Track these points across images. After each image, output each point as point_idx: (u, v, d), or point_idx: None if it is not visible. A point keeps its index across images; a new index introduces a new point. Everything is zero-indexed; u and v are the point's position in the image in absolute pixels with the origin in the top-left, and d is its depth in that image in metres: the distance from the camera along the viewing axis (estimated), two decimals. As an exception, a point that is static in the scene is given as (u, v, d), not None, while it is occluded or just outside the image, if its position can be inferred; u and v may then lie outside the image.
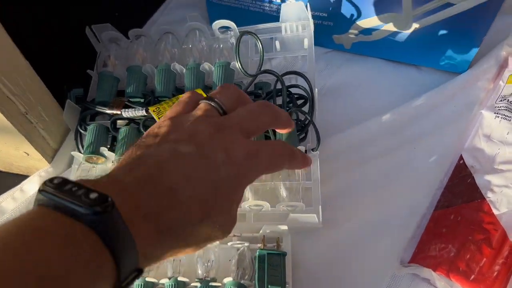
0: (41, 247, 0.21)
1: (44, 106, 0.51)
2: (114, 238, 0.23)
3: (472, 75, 0.58)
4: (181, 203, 0.28)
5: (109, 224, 0.23)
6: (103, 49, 0.58)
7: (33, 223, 0.22)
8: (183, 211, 0.28)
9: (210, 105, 0.34)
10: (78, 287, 0.22)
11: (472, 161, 0.52)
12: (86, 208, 0.22)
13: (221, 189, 0.30)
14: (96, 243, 0.23)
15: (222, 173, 0.30)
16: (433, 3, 0.52)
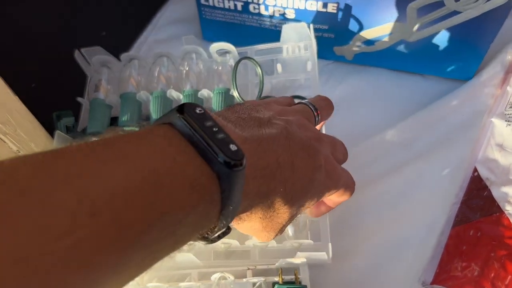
0: (171, 186, 0.20)
1: (37, 141, 0.48)
2: (231, 195, 0.23)
3: (479, 82, 0.56)
4: (284, 180, 0.27)
5: (233, 180, 0.23)
6: (94, 74, 0.55)
7: (167, 154, 0.21)
8: (280, 188, 0.27)
9: (308, 107, 0.36)
10: (189, 228, 0.22)
11: (487, 172, 0.50)
12: (225, 157, 0.22)
13: (311, 189, 0.30)
14: (216, 193, 0.22)
15: (317, 175, 0.30)
16: (438, 12, 0.50)
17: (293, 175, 0.28)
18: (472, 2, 0.48)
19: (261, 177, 0.26)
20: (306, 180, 0.29)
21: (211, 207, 0.23)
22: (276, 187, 0.27)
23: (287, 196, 0.28)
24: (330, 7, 0.53)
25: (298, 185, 0.29)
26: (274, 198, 0.27)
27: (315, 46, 0.51)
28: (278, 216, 0.29)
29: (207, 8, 0.59)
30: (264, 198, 0.27)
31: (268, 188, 0.27)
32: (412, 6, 0.50)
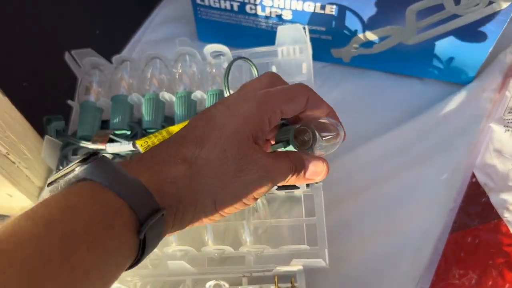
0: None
1: (27, 144, 0.46)
2: (113, 181, 0.25)
3: (477, 86, 0.56)
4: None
5: (102, 170, 0.25)
6: (84, 76, 0.53)
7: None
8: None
9: None
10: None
11: (485, 178, 0.50)
12: (78, 164, 0.26)
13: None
14: (97, 189, 0.25)
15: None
16: (438, 15, 0.49)
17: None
18: (472, 6, 0.47)
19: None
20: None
21: (112, 204, 0.25)
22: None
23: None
24: (328, 9, 0.52)
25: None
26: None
27: (310, 49, 0.50)
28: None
29: (202, 8, 0.58)
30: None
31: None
32: (412, 9, 0.49)
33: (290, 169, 0.33)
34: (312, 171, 0.35)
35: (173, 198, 0.28)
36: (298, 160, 0.34)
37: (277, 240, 0.45)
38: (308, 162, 0.34)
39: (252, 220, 0.44)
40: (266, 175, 0.31)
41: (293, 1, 0.52)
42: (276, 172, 0.31)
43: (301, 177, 0.34)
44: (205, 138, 0.30)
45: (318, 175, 0.35)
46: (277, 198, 0.48)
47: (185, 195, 0.28)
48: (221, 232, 0.45)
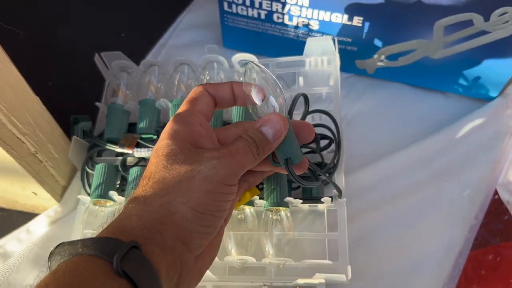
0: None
1: (54, 143, 0.47)
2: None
3: (501, 102, 0.56)
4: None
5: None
6: (112, 78, 0.54)
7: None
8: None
9: None
10: None
11: (508, 196, 0.49)
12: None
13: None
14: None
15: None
16: (466, 31, 0.49)
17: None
18: (501, 23, 0.47)
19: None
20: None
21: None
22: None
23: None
24: (355, 21, 0.52)
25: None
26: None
27: (339, 61, 0.50)
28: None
29: (229, 15, 0.58)
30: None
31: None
32: (440, 24, 0.49)
33: (247, 144, 0.33)
34: (271, 128, 0.33)
35: (137, 229, 0.28)
36: (252, 131, 0.33)
37: (299, 252, 0.45)
38: (261, 124, 0.34)
39: (275, 232, 0.44)
40: (223, 159, 0.31)
41: (321, 12, 0.52)
42: (233, 153, 0.32)
43: (268, 144, 0.33)
44: (147, 175, 0.31)
45: (278, 128, 0.33)
46: (301, 211, 0.48)
47: (149, 220, 0.28)
48: (245, 242, 0.45)
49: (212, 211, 0.30)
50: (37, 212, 0.52)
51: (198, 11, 0.69)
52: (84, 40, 0.66)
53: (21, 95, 0.41)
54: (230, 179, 0.31)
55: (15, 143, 0.41)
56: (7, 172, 0.44)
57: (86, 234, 0.46)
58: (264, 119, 0.34)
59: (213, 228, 0.31)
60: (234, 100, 0.37)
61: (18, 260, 0.49)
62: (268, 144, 0.33)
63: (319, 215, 0.48)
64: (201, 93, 0.35)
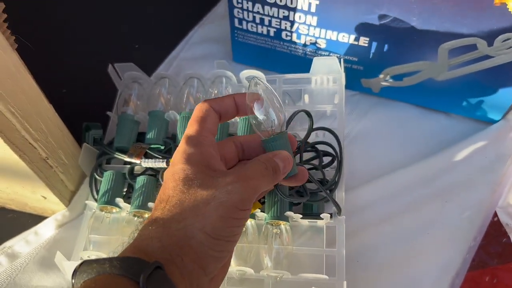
0: None
1: (65, 149, 0.49)
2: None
3: (504, 125, 0.56)
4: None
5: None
6: (124, 88, 0.56)
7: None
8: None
9: None
10: None
11: (507, 219, 0.50)
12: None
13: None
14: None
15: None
16: (470, 54, 0.50)
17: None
18: (505, 48, 0.48)
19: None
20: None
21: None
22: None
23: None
24: (361, 41, 0.53)
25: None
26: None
27: (344, 80, 0.51)
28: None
29: (240, 31, 0.60)
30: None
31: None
32: (444, 47, 0.50)
33: (265, 169, 0.34)
34: (282, 162, 0.35)
35: (158, 251, 0.29)
36: (267, 159, 0.35)
37: (297, 266, 0.46)
38: (274, 156, 0.35)
39: (274, 246, 0.45)
40: (237, 183, 0.32)
41: (328, 31, 0.54)
42: (249, 177, 0.33)
43: (280, 173, 0.35)
44: (165, 198, 0.32)
45: (288, 162, 0.36)
46: (301, 226, 0.49)
47: (169, 243, 0.30)
48: (244, 254, 0.46)
49: (226, 237, 0.31)
50: (46, 215, 0.54)
51: (210, 25, 0.71)
52: (100, 51, 0.68)
53: (35, 103, 0.43)
54: (244, 204, 0.32)
55: (27, 149, 0.43)
56: (18, 175, 0.46)
57: (91, 239, 0.47)
58: (275, 153, 0.36)
59: (226, 253, 0.32)
60: (237, 111, 0.38)
61: (25, 261, 0.50)
62: (279, 175, 0.35)
63: (318, 231, 0.49)
64: (208, 111, 0.36)
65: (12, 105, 0.39)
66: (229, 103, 0.37)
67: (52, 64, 0.67)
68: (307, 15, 0.53)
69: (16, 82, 0.39)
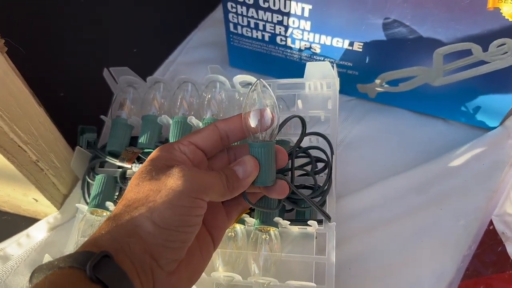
0: None
1: (57, 152, 0.49)
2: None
3: (502, 132, 0.55)
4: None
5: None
6: (119, 92, 0.56)
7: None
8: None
9: None
10: None
11: (503, 227, 0.49)
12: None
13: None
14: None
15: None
16: (466, 60, 0.49)
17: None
18: (500, 54, 0.47)
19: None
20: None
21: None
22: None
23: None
24: (356, 46, 0.53)
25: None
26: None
27: (338, 85, 0.51)
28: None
29: (235, 36, 0.60)
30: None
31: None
32: (439, 52, 0.50)
33: (218, 174, 0.35)
34: (243, 171, 0.36)
35: (107, 242, 0.30)
36: (225, 166, 0.36)
37: (285, 273, 0.45)
38: (235, 164, 0.36)
39: (263, 252, 0.45)
40: (189, 172, 0.32)
41: (322, 36, 0.54)
42: (202, 172, 0.33)
43: (237, 180, 0.35)
44: (123, 196, 0.33)
45: (252, 171, 0.36)
46: (290, 233, 0.49)
47: (118, 233, 0.30)
48: (233, 260, 0.46)
49: (176, 226, 0.31)
50: (39, 218, 0.54)
51: (207, 30, 0.71)
52: (98, 54, 0.69)
53: (24, 106, 0.43)
54: (195, 192, 0.32)
55: (16, 152, 0.43)
56: (8, 178, 0.46)
57: (81, 242, 0.47)
58: (239, 160, 0.37)
59: (179, 243, 0.32)
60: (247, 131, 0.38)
61: (16, 263, 0.51)
62: (238, 181, 0.36)
63: (308, 238, 0.48)
64: (208, 127, 0.37)
65: (-1, 107, 0.39)
66: (237, 122, 0.38)
67: (50, 68, 0.67)
68: (301, 20, 0.53)
69: (4, 85, 0.40)
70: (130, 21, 0.75)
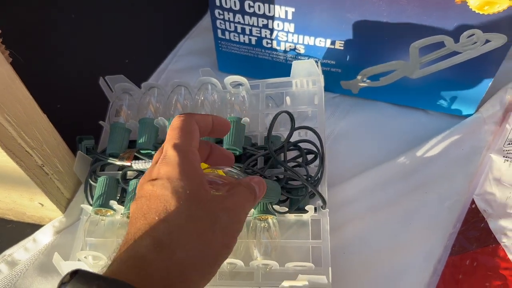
0: None
1: (60, 157, 0.51)
2: None
3: (479, 118, 0.59)
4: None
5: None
6: (116, 99, 0.59)
7: None
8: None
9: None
10: None
11: (484, 205, 0.52)
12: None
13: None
14: None
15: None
16: (439, 52, 0.53)
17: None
18: (470, 44, 0.51)
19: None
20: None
21: None
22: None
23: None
24: (337, 44, 0.56)
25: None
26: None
27: (323, 82, 0.54)
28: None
29: (223, 42, 0.63)
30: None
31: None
32: (415, 45, 0.54)
33: (250, 193, 0.35)
34: (259, 187, 0.37)
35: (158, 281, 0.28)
36: (246, 183, 0.36)
37: (284, 258, 0.48)
38: (250, 180, 0.37)
39: (263, 240, 0.48)
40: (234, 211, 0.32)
41: (305, 37, 0.57)
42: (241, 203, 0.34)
43: (257, 198, 0.36)
44: (166, 218, 0.30)
45: (263, 187, 0.38)
46: (287, 221, 0.52)
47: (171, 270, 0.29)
48: (234, 249, 0.48)
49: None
50: (43, 224, 0.56)
51: (196, 38, 0.74)
52: (92, 66, 0.71)
53: (30, 112, 0.45)
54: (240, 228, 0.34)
55: (24, 156, 0.45)
56: (16, 183, 0.48)
57: (87, 242, 0.50)
58: (251, 177, 0.37)
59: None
60: (212, 131, 0.38)
61: (25, 267, 0.52)
62: (257, 198, 0.37)
63: (304, 224, 0.51)
64: (195, 125, 0.35)
65: (8, 114, 0.42)
66: (208, 122, 0.38)
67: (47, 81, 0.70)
68: (285, 23, 0.56)
69: (12, 92, 0.42)
70: (121, 33, 0.78)
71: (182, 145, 0.33)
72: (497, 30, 0.49)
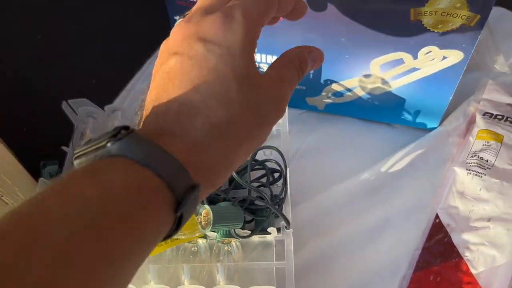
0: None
1: (21, 186, 0.51)
2: (146, 158, 0.23)
3: (443, 131, 0.60)
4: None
5: (136, 147, 0.23)
6: (80, 123, 0.58)
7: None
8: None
9: None
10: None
11: (448, 219, 0.53)
12: (109, 139, 0.23)
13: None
14: (133, 167, 0.23)
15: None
16: (400, 68, 0.54)
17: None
18: (429, 60, 0.52)
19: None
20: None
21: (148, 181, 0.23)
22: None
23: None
24: (300, 62, 0.57)
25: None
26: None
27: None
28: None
29: (188, 61, 0.63)
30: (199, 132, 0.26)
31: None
32: (375, 62, 0.54)
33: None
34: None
35: (205, 172, 0.26)
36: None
37: (249, 281, 0.48)
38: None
39: (226, 263, 0.48)
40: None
41: (268, 56, 0.57)
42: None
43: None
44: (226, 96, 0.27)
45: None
46: (252, 242, 0.52)
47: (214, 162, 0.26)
48: (197, 273, 0.49)
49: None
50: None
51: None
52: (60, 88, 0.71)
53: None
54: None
55: (-20, 188, 0.45)
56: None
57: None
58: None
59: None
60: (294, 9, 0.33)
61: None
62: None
63: (268, 246, 0.51)
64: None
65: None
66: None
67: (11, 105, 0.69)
68: (247, 42, 0.56)
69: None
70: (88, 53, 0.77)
71: (255, 16, 0.28)
72: (453, 47, 0.49)
